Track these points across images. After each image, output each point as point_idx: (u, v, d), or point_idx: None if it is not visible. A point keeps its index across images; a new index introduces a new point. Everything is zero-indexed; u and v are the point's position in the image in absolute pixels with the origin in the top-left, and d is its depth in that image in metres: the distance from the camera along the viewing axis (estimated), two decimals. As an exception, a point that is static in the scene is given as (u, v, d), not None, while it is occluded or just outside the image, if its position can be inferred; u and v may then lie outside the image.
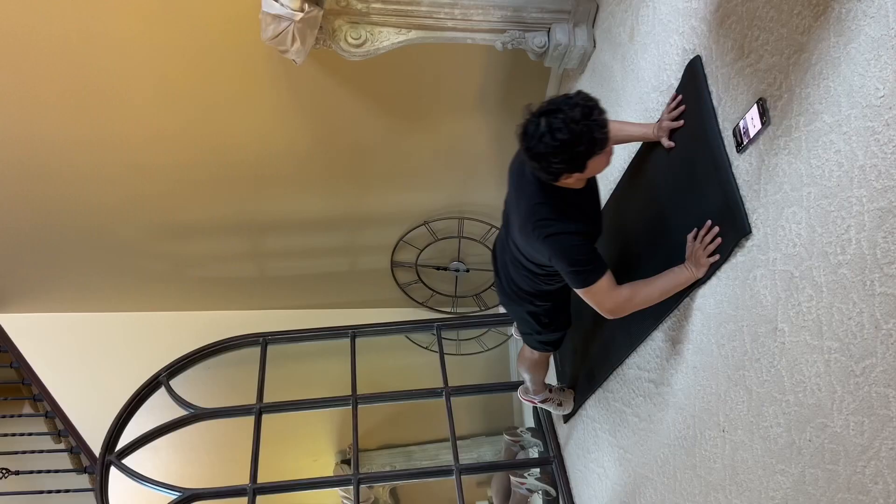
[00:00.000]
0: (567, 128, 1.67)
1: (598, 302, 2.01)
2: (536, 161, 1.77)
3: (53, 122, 3.21)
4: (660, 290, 2.04)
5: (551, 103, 1.73)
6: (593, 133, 1.70)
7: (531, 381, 3.11)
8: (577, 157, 1.73)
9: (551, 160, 1.73)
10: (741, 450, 1.85)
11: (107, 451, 3.72)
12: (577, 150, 1.71)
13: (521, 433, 4.21)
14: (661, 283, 2.03)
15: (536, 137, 1.72)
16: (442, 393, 3.96)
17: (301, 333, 4.30)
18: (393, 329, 4.46)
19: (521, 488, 3.97)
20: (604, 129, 1.72)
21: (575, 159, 1.73)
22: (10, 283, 4.27)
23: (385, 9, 2.71)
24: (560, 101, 1.72)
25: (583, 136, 1.69)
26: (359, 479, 3.66)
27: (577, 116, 1.67)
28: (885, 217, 1.31)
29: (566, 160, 1.73)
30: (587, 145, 1.71)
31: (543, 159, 1.74)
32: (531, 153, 1.76)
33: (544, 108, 1.73)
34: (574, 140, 1.69)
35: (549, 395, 3.25)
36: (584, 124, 1.68)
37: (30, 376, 4.17)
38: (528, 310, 2.50)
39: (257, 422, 3.83)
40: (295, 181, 3.82)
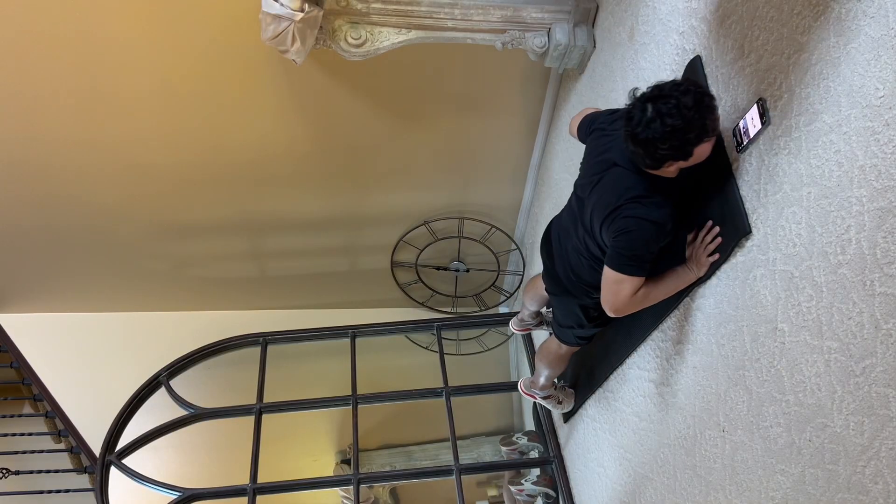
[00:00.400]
0: (680, 114, 1.64)
1: (616, 292, 1.97)
2: (642, 147, 1.73)
3: (54, 123, 3.21)
4: (664, 290, 2.03)
5: (659, 89, 1.70)
6: (705, 120, 1.67)
7: (546, 377, 3.07)
8: (687, 143, 1.69)
9: (659, 146, 1.69)
10: (741, 450, 1.85)
11: (107, 451, 3.72)
12: (687, 136, 1.67)
13: (516, 440, 4.20)
14: (664, 284, 2.03)
15: (644, 123, 1.68)
16: (442, 393, 3.96)
17: (301, 333, 4.30)
18: (393, 329, 4.46)
19: (522, 495, 3.97)
20: (714, 114, 1.69)
21: (684, 146, 1.70)
22: (10, 283, 4.27)
23: (385, 9, 2.71)
24: (670, 87, 1.69)
25: (695, 123, 1.66)
26: (359, 479, 3.67)
27: (689, 103, 1.64)
28: (885, 217, 1.31)
29: (675, 146, 1.69)
30: (698, 132, 1.67)
31: (651, 145, 1.70)
32: (637, 139, 1.72)
33: (651, 93, 1.70)
34: (686, 126, 1.65)
35: (552, 393, 3.25)
36: (696, 110, 1.65)
37: (30, 376, 4.17)
38: (581, 302, 2.43)
39: (257, 422, 3.83)
40: (295, 181, 3.82)
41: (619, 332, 2.66)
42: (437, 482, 4.46)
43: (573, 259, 2.29)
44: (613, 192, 1.93)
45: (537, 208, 4.02)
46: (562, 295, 2.48)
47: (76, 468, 4.10)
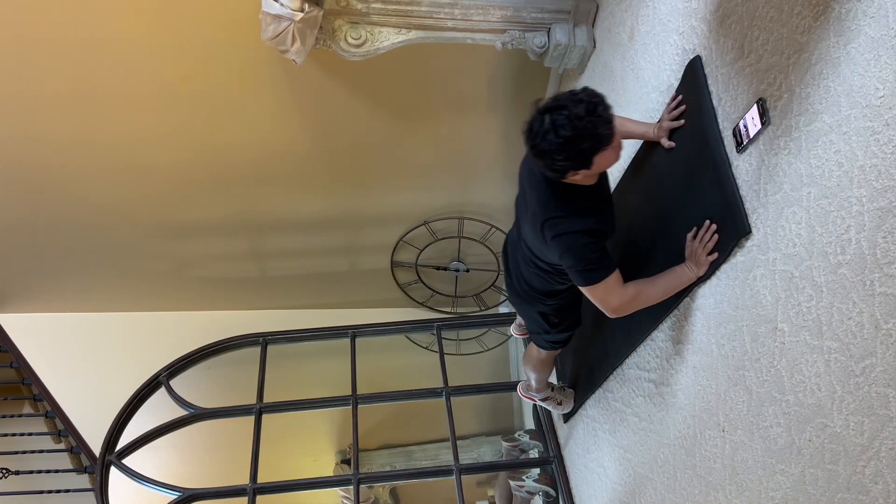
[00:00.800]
0: (571, 124, 1.66)
1: (603, 300, 2.00)
2: (542, 158, 1.75)
3: (54, 123, 3.21)
4: (663, 289, 2.04)
5: (556, 100, 1.71)
6: (597, 129, 1.68)
7: (536, 380, 3.11)
8: (582, 153, 1.71)
9: (556, 157, 1.71)
10: (741, 450, 1.85)
11: (107, 451, 3.72)
12: (581, 146, 1.69)
13: (518, 437, 4.21)
14: (663, 283, 2.03)
15: (541, 135, 1.70)
16: (442, 393, 3.96)
17: (301, 333, 4.30)
18: (393, 329, 4.46)
19: (521, 491, 3.97)
20: (609, 124, 1.70)
21: (580, 156, 1.72)
22: (11, 283, 4.27)
23: (385, 9, 2.71)
24: (564, 97, 1.70)
25: (587, 133, 1.67)
26: (359, 479, 3.67)
27: (581, 113, 1.66)
28: (885, 217, 1.31)
29: (571, 157, 1.71)
30: (592, 141, 1.69)
31: (548, 157, 1.73)
32: (536, 150, 1.74)
33: (549, 104, 1.72)
34: (578, 137, 1.67)
35: (550, 394, 3.25)
36: (588, 120, 1.66)
37: (30, 376, 4.17)
38: (538, 309, 2.48)
39: (257, 422, 3.83)
40: (295, 181, 3.82)
41: (619, 332, 2.66)
42: (437, 482, 4.46)
43: (523, 269, 2.34)
44: (537, 211, 1.97)
45: (537, 208, 4.01)
46: (521, 304, 2.53)
47: (76, 468, 4.10)
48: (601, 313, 2.51)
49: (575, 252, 1.92)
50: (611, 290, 1.97)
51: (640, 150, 2.42)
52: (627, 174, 2.56)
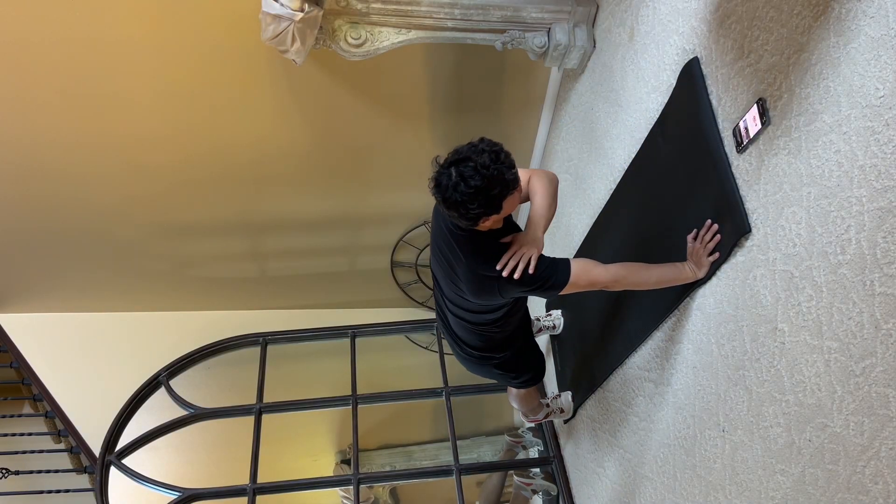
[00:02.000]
0: (479, 174, 1.74)
1: (590, 282, 2.02)
2: (455, 210, 1.81)
3: (54, 123, 3.21)
4: (657, 276, 2.04)
5: (458, 153, 1.80)
6: (504, 175, 1.77)
7: (528, 410, 3.14)
8: (493, 199, 1.78)
9: (469, 206, 1.78)
10: (741, 450, 1.85)
11: (107, 451, 3.72)
12: (492, 193, 1.77)
13: (522, 433, 4.21)
14: (659, 271, 2.04)
15: (451, 187, 1.77)
16: (442, 393, 3.96)
17: (301, 333, 4.30)
18: (393, 329, 4.46)
19: (527, 489, 3.97)
20: (512, 169, 1.79)
21: (491, 202, 1.79)
22: (10, 283, 4.27)
23: (385, 9, 2.71)
24: (466, 149, 1.80)
25: (495, 180, 1.75)
26: (359, 479, 3.67)
27: (486, 162, 1.74)
28: (885, 217, 1.31)
29: (483, 204, 1.78)
30: (501, 187, 1.77)
31: (461, 207, 1.79)
32: (448, 203, 1.80)
33: (452, 158, 1.80)
34: (488, 184, 1.75)
35: (548, 411, 3.27)
36: (494, 168, 1.75)
37: (30, 376, 4.17)
38: (493, 364, 2.53)
39: (257, 422, 3.83)
40: (295, 181, 3.82)
41: (619, 332, 2.66)
42: (437, 482, 4.45)
43: (460, 335, 2.39)
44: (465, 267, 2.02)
45: (537, 208, 4.01)
46: (476, 368, 2.58)
47: (76, 468, 4.10)
48: (601, 314, 2.52)
49: (525, 281, 1.95)
50: (586, 275, 1.99)
51: (641, 150, 2.42)
52: (628, 175, 2.56)
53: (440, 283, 2.26)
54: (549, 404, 3.27)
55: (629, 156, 2.52)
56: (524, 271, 1.93)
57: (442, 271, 2.16)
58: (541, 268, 1.95)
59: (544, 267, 1.96)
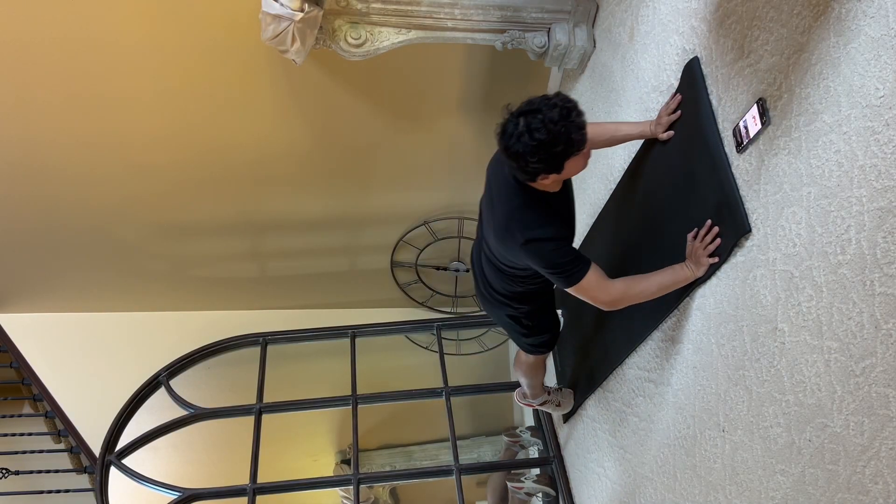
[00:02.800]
0: (545, 128, 1.69)
1: (590, 297, 2.02)
2: (514, 160, 1.78)
3: (54, 123, 3.21)
4: (657, 284, 2.03)
5: (530, 104, 1.75)
6: (571, 134, 1.71)
7: (529, 386, 3.09)
8: (555, 157, 1.75)
9: (529, 159, 1.74)
10: (741, 450, 1.85)
11: (107, 451, 3.72)
12: (554, 150, 1.73)
13: (520, 433, 4.21)
14: (658, 279, 2.03)
15: (515, 136, 1.73)
16: (442, 393, 3.96)
17: (301, 333, 4.29)
18: (393, 329, 4.46)
19: (520, 493, 3.96)
20: (581, 130, 1.74)
21: (552, 159, 1.75)
22: (10, 283, 4.27)
23: (385, 9, 2.71)
24: (539, 101, 1.74)
25: (560, 137, 1.71)
26: (359, 479, 3.66)
27: (555, 117, 1.69)
28: (885, 217, 1.31)
29: (543, 160, 1.74)
30: (565, 146, 1.73)
31: (521, 158, 1.75)
32: (509, 152, 1.77)
33: (523, 108, 1.75)
34: (552, 140, 1.70)
35: (547, 398, 3.24)
36: (562, 125, 1.70)
37: (30, 376, 4.17)
38: (507, 313, 2.50)
39: (257, 422, 3.82)
40: (295, 181, 3.82)
41: (619, 332, 2.66)
42: (437, 482, 4.45)
43: (488, 273, 2.36)
44: (503, 213, 2.00)
45: (537, 208, 4.01)
46: (491, 309, 2.54)
47: (76, 468, 4.10)
48: (601, 313, 2.51)
49: (545, 258, 1.94)
50: (594, 287, 1.98)
51: (640, 150, 2.42)
52: (628, 175, 2.56)
53: (484, 222, 2.22)
54: (550, 392, 3.25)
55: (629, 156, 2.52)
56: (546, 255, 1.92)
57: (489, 211, 2.12)
58: (566, 256, 1.94)
59: (569, 258, 1.94)
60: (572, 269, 1.95)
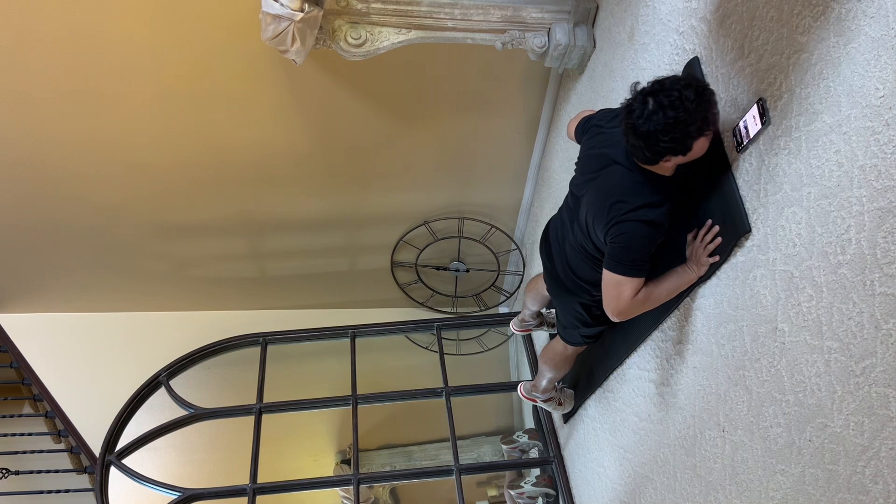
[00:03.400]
0: (682, 105, 1.65)
1: (617, 295, 1.98)
2: (643, 139, 1.73)
3: (54, 123, 3.21)
4: (667, 290, 2.03)
5: (661, 83, 1.71)
6: (706, 112, 1.68)
7: (549, 380, 3.05)
8: (688, 136, 1.70)
9: (661, 138, 1.70)
10: (741, 450, 1.85)
11: (107, 451, 3.72)
12: (689, 128, 1.68)
13: (516, 438, 4.20)
14: (667, 285, 2.03)
15: (645, 116, 1.69)
16: (442, 393, 3.96)
17: (301, 333, 4.30)
18: (393, 329, 4.46)
19: (523, 498, 3.96)
20: (715, 109, 1.71)
21: (685, 138, 1.70)
22: (10, 283, 4.27)
23: (385, 9, 2.71)
24: (671, 81, 1.70)
25: (696, 115, 1.67)
26: (359, 479, 3.67)
27: (691, 95, 1.66)
28: (885, 217, 1.31)
29: (676, 139, 1.70)
30: (700, 124, 1.69)
31: (651, 137, 1.71)
32: (637, 132, 1.73)
33: (653, 87, 1.71)
34: (688, 118, 1.66)
35: (552, 395, 3.24)
36: (697, 103, 1.66)
37: (30, 376, 4.17)
38: (581, 301, 2.43)
39: (257, 422, 3.83)
40: (295, 181, 3.82)
41: (618, 332, 2.66)
42: (437, 482, 4.46)
43: (571, 257, 2.30)
44: (609, 190, 1.94)
45: (537, 208, 4.02)
46: (563, 294, 2.47)
47: (76, 468, 4.10)
48: (602, 313, 2.47)
49: (632, 239, 1.89)
50: (629, 289, 1.95)
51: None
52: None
53: (577, 203, 2.16)
54: (556, 389, 3.25)
55: (629, 156, 2.52)
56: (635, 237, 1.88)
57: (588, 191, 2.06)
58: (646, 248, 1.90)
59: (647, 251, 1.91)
60: (637, 262, 1.91)
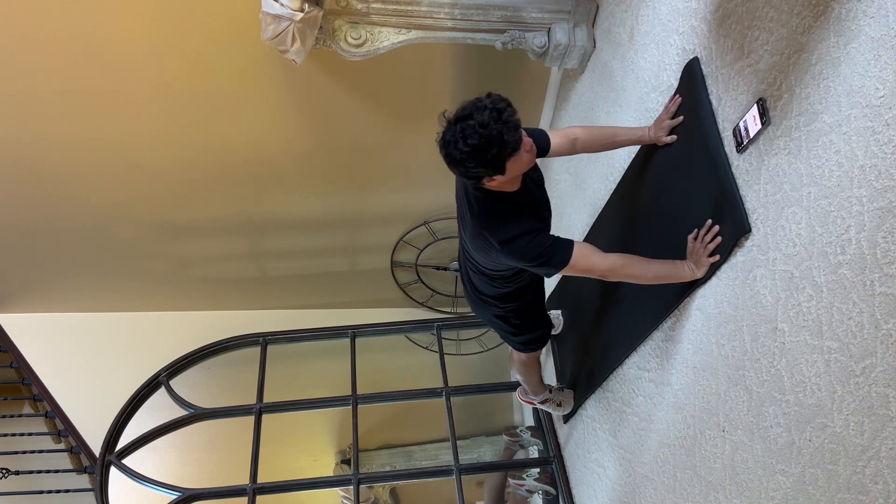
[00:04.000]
0: (477, 133, 1.66)
1: (586, 269, 2.00)
2: (456, 167, 1.77)
3: (54, 122, 3.21)
4: (655, 272, 2.03)
5: (463, 109, 1.73)
6: (503, 136, 1.68)
7: (526, 384, 3.12)
8: (492, 160, 1.72)
9: (468, 165, 1.73)
10: (741, 450, 1.85)
11: (107, 451, 3.72)
12: (489, 153, 1.70)
13: (520, 433, 4.21)
14: (657, 267, 2.04)
15: (452, 144, 1.72)
16: (442, 393, 3.96)
17: (301, 333, 4.30)
18: (393, 329, 4.46)
19: (521, 489, 3.97)
20: (516, 130, 1.71)
21: (490, 163, 1.72)
22: (10, 283, 4.27)
23: (385, 9, 2.71)
24: (471, 105, 1.71)
25: (493, 140, 1.67)
26: (359, 479, 3.66)
27: (485, 120, 1.66)
28: (885, 217, 1.31)
29: (481, 164, 1.72)
30: (499, 148, 1.69)
31: (461, 165, 1.74)
32: (449, 160, 1.76)
33: (458, 113, 1.73)
34: (485, 144, 1.68)
35: (548, 396, 3.25)
36: (494, 128, 1.66)
37: (30, 376, 4.17)
38: (494, 313, 2.52)
39: (257, 422, 3.83)
40: (295, 181, 3.82)
41: (619, 332, 2.66)
42: (437, 482, 4.45)
43: (472, 276, 2.38)
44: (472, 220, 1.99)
45: (537, 208, 4.01)
46: (478, 309, 2.56)
47: (76, 468, 4.10)
48: (601, 314, 2.51)
49: (524, 252, 1.93)
50: (585, 259, 1.97)
51: (642, 149, 2.42)
52: (628, 174, 2.56)
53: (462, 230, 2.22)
54: (552, 390, 3.26)
55: (629, 156, 2.52)
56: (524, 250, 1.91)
57: (462, 221, 2.14)
58: (544, 244, 1.93)
59: (548, 244, 1.93)
60: (555, 252, 1.94)
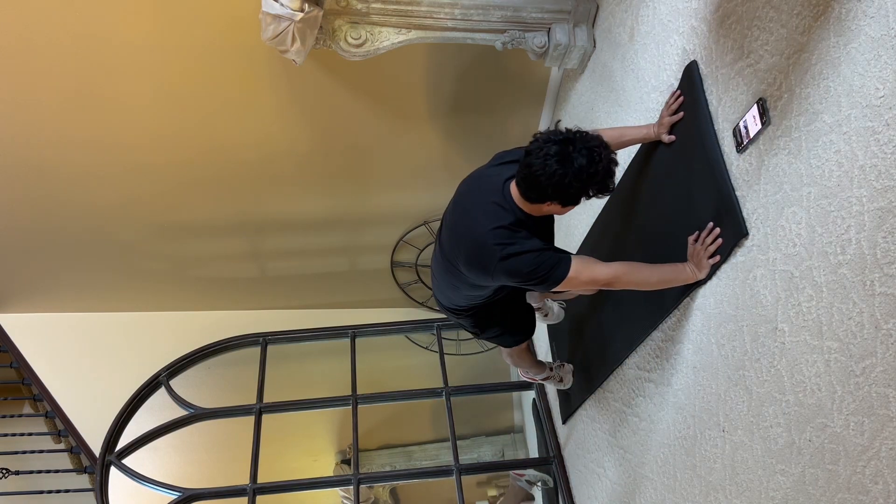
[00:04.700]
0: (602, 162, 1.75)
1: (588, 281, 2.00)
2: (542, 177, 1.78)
3: (54, 123, 3.21)
4: (658, 276, 2.03)
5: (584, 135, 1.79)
6: (607, 179, 1.79)
7: (523, 370, 3.14)
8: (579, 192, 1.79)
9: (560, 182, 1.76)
10: (741, 450, 1.85)
11: (107, 451, 3.72)
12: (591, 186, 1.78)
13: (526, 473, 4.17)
14: (660, 271, 2.03)
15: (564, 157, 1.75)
16: (442, 393, 3.96)
17: (301, 333, 4.30)
18: (393, 329, 4.46)
19: (521, 480, 3.97)
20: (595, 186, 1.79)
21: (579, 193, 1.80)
22: (10, 283, 4.27)
23: (385, 9, 2.71)
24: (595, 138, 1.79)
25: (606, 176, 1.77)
26: (359, 479, 3.67)
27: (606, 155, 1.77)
28: (885, 217, 1.31)
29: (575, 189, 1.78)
30: (599, 187, 1.79)
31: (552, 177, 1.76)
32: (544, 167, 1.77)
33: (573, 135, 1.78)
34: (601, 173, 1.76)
35: (549, 374, 3.25)
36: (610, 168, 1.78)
37: (30, 376, 4.17)
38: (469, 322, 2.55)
39: (257, 422, 3.83)
40: (295, 181, 3.82)
41: (619, 332, 2.66)
42: (437, 482, 4.46)
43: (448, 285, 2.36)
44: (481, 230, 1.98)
45: (537, 208, 4.01)
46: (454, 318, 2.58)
47: (76, 468, 4.11)
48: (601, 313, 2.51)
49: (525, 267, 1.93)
50: (588, 271, 1.97)
51: (640, 152, 2.42)
52: (628, 175, 2.56)
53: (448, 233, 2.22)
54: (552, 368, 3.26)
55: (629, 156, 2.52)
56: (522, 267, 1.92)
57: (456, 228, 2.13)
58: (543, 259, 1.92)
59: (548, 259, 1.93)
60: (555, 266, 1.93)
